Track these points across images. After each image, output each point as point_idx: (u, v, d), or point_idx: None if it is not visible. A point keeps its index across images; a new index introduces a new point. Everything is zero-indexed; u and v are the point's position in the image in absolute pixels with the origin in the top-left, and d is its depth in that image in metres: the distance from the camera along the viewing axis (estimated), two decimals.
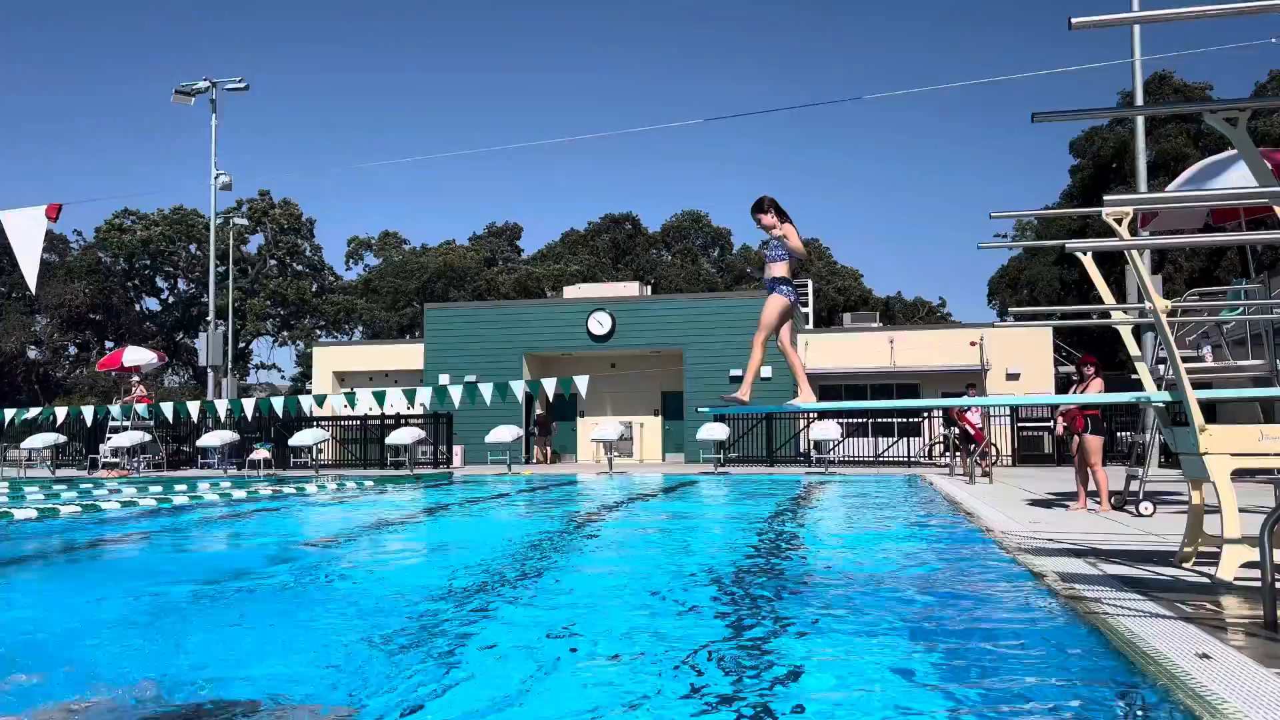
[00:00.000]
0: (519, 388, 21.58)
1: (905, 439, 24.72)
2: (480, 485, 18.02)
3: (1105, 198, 4.49)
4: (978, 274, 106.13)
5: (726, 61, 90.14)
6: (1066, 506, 10.73)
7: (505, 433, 23.12)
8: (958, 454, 19.77)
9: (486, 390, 20.08)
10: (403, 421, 25.29)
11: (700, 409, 7.46)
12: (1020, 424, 24.39)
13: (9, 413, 20.36)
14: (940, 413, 24.72)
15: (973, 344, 27.43)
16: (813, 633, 4.74)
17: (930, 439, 25.10)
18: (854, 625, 4.89)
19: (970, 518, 9.93)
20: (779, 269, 6.24)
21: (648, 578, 6.74)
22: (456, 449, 26.09)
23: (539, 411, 28.44)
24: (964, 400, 12.16)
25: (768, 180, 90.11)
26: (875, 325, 32.60)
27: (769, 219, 6.24)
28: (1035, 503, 11.56)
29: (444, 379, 26.82)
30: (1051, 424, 21.81)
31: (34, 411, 21.20)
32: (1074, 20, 3.26)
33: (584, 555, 8.20)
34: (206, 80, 28.58)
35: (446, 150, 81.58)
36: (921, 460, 23.92)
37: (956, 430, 17.83)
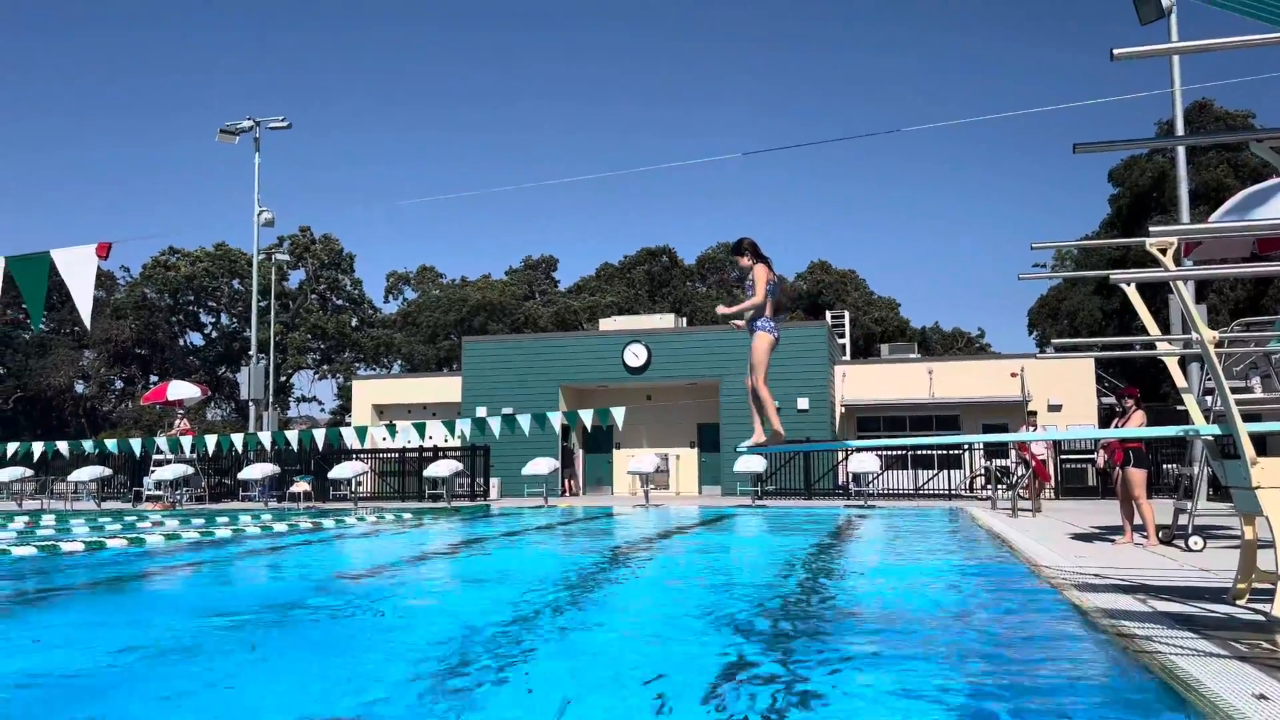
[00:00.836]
0: (556, 419, 21.63)
1: (945, 471, 24.41)
2: (518, 517, 18.04)
3: (1151, 229, 4.45)
4: (1017, 304, 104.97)
5: (762, 94, 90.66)
6: (1112, 541, 10.52)
7: (542, 465, 23.16)
8: (1000, 486, 19.49)
9: (524, 422, 20.15)
10: (440, 454, 25.43)
11: (739, 449, 7.53)
12: (1063, 456, 24.01)
13: (63, 446, 20.74)
14: (980, 445, 24.41)
15: (1013, 375, 27.12)
16: (854, 667, 4.68)
17: (971, 471, 24.77)
18: (895, 661, 4.81)
19: (1013, 552, 9.77)
20: (752, 306, 6.35)
21: (689, 614, 6.70)
22: (493, 481, 26.17)
23: (562, 443, 28.46)
24: (1020, 435, 12.03)
25: (804, 212, 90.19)
26: (914, 356, 32.36)
27: (745, 260, 6.36)
28: (1079, 537, 11.36)
29: (481, 411, 26.96)
30: (1094, 456, 21.46)
31: (88, 445, 21.60)
32: (1116, 51, 3.25)
33: (626, 589, 8.16)
34: (250, 119, 29.21)
35: (482, 186, 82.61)
36: (962, 493, 23.60)
37: (1001, 463, 17.61)
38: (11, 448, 21.09)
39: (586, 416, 21.12)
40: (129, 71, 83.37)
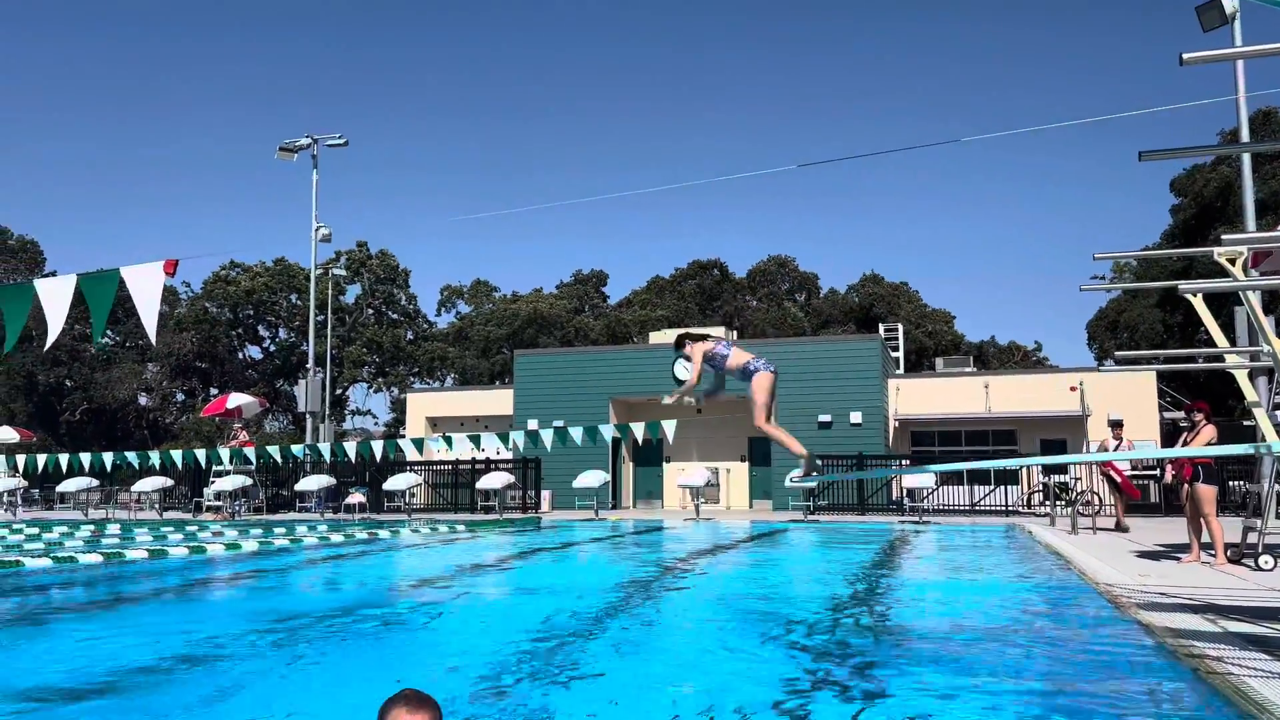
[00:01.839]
0: (608, 432, 21.66)
1: (1002, 487, 23.98)
2: (570, 530, 18.09)
3: (1223, 237, 4.34)
4: (1074, 318, 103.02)
5: (815, 104, 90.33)
6: (1178, 559, 10.25)
7: (592, 478, 23.21)
8: (1059, 503, 19.08)
9: (576, 434, 20.20)
10: (493, 467, 25.61)
11: (790, 480, 7.65)
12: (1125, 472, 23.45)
13: (132, 456, 21.26)
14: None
15: (1072, 389, 26.56)
16: (915, 687, 4.61)
17: (1029, 487, 24.29)
18: (956, 681, 4.73)
19: (1075, 570, 9.57)
20: (736, 360, 6.60)
21: (747, 629, 6.65)
22: (545, 494, 26.27)
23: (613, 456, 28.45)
24: (1094, 455, 11.75)
25: (856, 223, 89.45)
26: (969, 369, 31.88)
27: (689, 349, 6.73)
28: (1144, 555, 11.08)
29: (532, 424, 27.09)
30: (1158, 472, 20.92)
31: (154, 456, 22.13)
32: (1185, 56, 3.19)
33: (680, 603, 8.14)
34: (308, 137, 29.78)
35: (534, 201, 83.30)
36: (1020, 509, 23.17)
37: (1060, 479, 17.16)
38: (85, 458, 21.66)
39: (637, 429, 21.12)
40: (190, 93, 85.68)
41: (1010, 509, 22.97)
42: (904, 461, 23.47)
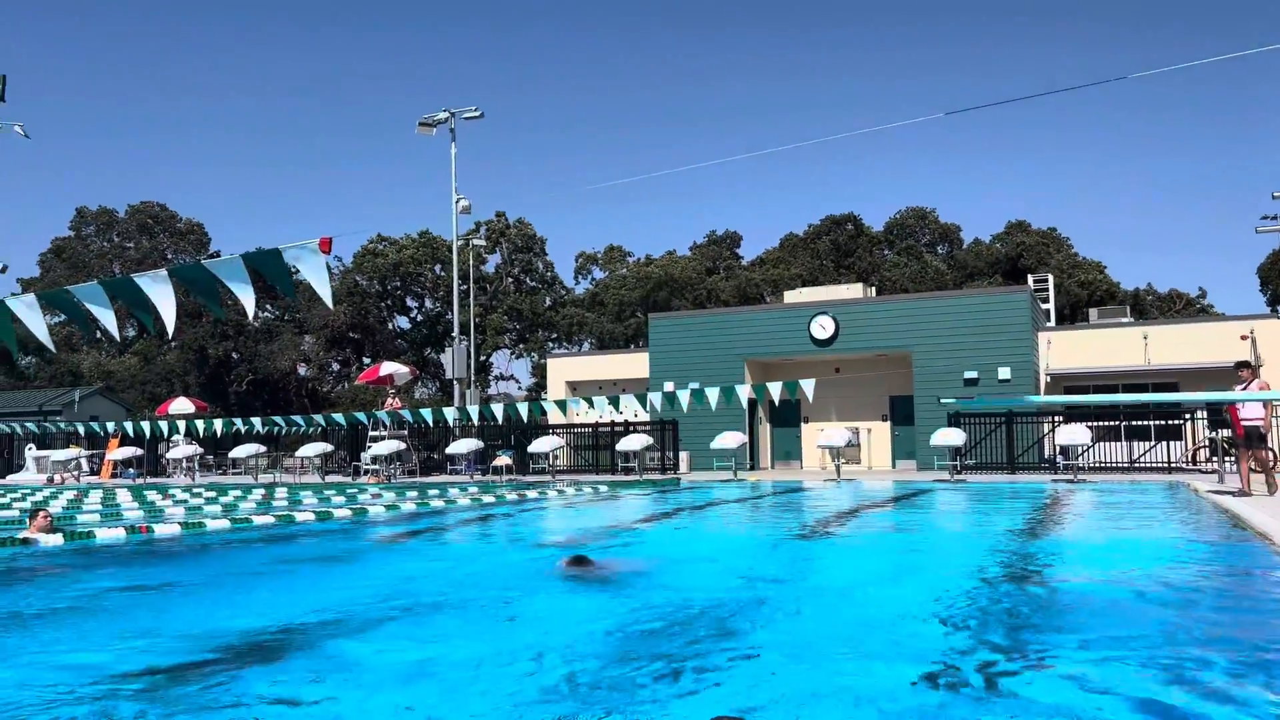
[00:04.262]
0: (744, 392, 21.62)
1: (1164, 443, 22.78)
2: (711, 490, 18.22)
3: None
4: (1242, 262, 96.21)
5: (961, 45, 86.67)
6: None
7: (730, 439, 23.27)
8: (1227, 459, 18.00)
9: (713, 395, 20.27)
10: (631, 429, 26.00)
11: (943, 401, 7.38)
12: None
13: (299, 419, 22.57)
14: (1205, 414, 22.64)
15: (1244, 338, 24.95)
16: (1082, 649, 4.48)
17: (1194, 443, 23.00)
18: (1130, 646, 4.57)
19: (1250, 530, 9.04)
20: None
21: (898, 594, 6.59)
22: (683, 455, 26.51)
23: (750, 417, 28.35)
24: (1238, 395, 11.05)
25: (999, 169, 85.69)
26: (1126, 320, 30.30)
27: None
28: None
29: (668, 387, 27.31)
30: None
31: (319, 419, 23.41)
32: None
33: (829, 563, 8.12)
34: (446, 111, 30.57)
35: (666, 165, 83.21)
36: (1183, 466, 21.98)
37: (1228, 434, 16.15)
38: (257, 422, 23.08)
39: (775, 389, 21.01)
40: (336, 75, 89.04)
41: (1173, 465, 21.83)
42: (1057, 419, 22.56)
